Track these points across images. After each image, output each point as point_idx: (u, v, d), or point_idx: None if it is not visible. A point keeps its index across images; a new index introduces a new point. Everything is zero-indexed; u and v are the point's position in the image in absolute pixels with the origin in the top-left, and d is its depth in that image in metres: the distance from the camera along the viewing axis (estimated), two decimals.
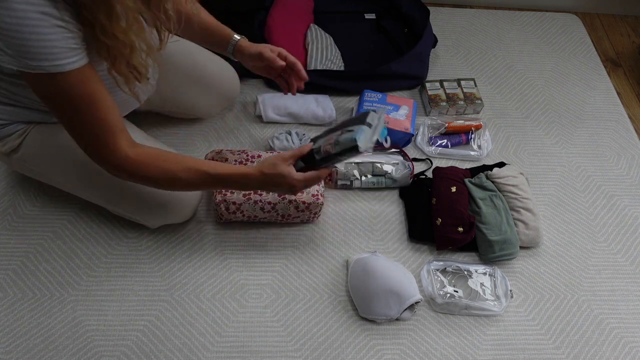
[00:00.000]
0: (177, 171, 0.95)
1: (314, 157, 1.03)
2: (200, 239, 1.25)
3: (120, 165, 0.91)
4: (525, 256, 1.29)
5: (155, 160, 0.94)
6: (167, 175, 0.95)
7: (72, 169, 1.11)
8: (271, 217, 1.24)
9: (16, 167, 1.16)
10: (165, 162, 0.94)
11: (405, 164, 1.37)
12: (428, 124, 1.49)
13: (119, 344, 1.10)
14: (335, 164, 1.05)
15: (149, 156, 0.93)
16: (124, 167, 0.91)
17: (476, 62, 1.71)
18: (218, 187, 1.12)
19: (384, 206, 1.35)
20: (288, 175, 1.00)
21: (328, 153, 1.00)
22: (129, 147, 0.90)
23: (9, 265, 1.18)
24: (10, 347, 1.08)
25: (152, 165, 0.93)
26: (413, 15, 1.65)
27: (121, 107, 1.03)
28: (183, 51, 1.28)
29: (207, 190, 1.31)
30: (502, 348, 1.16)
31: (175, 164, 0.95)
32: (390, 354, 1.13)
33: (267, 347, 1.12)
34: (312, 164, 1.03)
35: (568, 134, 1.56)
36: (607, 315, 1.23)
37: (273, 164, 1.00)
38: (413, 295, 1.14)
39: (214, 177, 0.98)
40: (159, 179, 0.95)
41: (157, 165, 0.93)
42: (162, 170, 0.94)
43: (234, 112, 1.49)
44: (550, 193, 1.42)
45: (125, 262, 1.21)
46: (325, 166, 1.04)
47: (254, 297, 1.19)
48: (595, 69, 1.74)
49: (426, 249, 1.29)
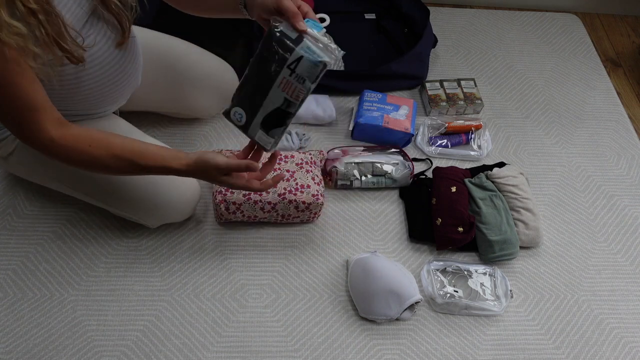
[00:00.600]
0: (104, 158, 0.90)
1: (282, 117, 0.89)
2: (200, 239, 1.25)
3: (44, 147, 0.87)
4: (525, 256, 1.29)
5: (82, 145, 0.89)
6: (94, 161, 0.91)
7: (67, 172, 1.11)
8: (271, 217, 1.24)
9: (14, 170, 1.16)
10: (91, 148, 0.89)
11: (405, 164, 1.37)
12: (428, 124, 1.49)
13: (119, 344, 1.10)
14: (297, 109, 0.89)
15: (75, 140, 0.89)
16: (48, 149, 0.88)
17: (476, 62, 1.71)
18: (146, 174, 1.02)
19: (384, 206, 1.35)
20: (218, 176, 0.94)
21: (298, 98, 0.86)
22: (55, 127, 0.86)
23: (9, 265, 1.18)
24: (10, 347, 1.08)
25: (77, 150, 0.89)
26: (413, 15, 1.65)
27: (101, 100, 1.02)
28: (182, 51, 1.28)
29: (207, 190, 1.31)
30: (502, 348, 1.16)
31: (102, 149, 0.90)
32: (390, 354, 1.13)
33: (267, 347, 1.12)
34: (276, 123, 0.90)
35: (568, 134, 1.56)
36: (607, 315, 1.23)
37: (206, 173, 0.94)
38: (413, 295, 1.14)
39: (142, 167, 0.93)
40: (84, 164, 0.92)
41: (82, 150, 0.89)
42: (89, 156, 0.90)
43: None
44: (550, 193, 1.42)
45: (125, 262, 1.21)
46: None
47: (254, 297, 1.19)
48: (595, 69, 1.74)
49: (426, 249, 1.29)
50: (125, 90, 1.08)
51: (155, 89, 1.26)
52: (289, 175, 1.22)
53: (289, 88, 0.85)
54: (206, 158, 0.92)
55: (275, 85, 0.86)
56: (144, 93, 1.20)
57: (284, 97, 0.86)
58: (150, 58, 1.19)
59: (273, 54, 0.84)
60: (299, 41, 0.82)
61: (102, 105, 1.06)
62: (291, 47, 0.82)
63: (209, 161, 0.92)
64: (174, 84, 1.28)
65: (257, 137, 0.92)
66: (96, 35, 0.93)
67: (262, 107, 0.89)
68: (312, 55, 0.82)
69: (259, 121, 0.90)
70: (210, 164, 0.92)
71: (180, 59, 1.27)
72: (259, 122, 0.90)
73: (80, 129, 0.91)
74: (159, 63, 1.23)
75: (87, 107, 1.03)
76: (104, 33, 0.95)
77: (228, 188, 0.95)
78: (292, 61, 0.83)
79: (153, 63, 1.21)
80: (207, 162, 0.92)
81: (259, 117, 0.90)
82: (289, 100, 0.86)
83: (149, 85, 1.20)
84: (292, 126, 1.46)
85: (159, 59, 1.24)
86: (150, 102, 1.30)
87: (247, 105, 0.90)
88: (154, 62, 1.21)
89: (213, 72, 1.34)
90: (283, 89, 0.86)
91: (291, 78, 0.84)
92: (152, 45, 1.21)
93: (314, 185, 1.23)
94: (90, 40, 0.90)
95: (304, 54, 0.82)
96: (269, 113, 0.89)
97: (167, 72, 1.26)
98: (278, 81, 0.86)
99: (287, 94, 0.86)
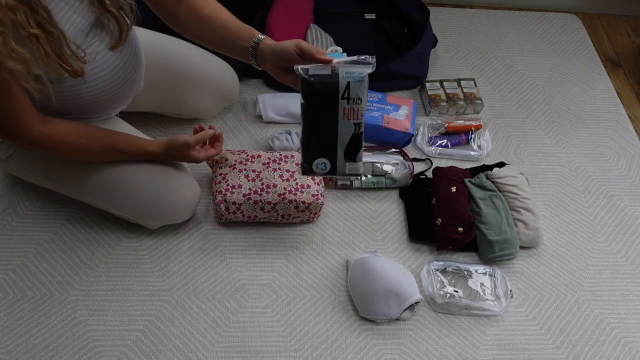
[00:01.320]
0: (94, 147, 1.01)
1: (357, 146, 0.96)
2: (200, 239, 1.25)
3: (35, 142, 0.93)
4: (525, 256, 1.29)
5: (74, 138, 0.97)
6: (85, 151, 1.01)
7: (67, 173, 1.11)
8: (271, 217, 1.24)
9: (15, 172, 1.17)
10: (82, 139, 0.99)
11: (405, 164, 1.37)
12: (428, 124, 1.49)
13: (119, 344, 1.10)
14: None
15: (67, 133, 0.97)
16: (38, 143, 0.94)
17: (476, 62, 1.71)
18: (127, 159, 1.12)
19: (384, 206, 1.35)
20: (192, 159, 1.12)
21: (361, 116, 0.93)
22: (39, 123, 0.92)
23: (9, 265, 1.18)
24: (10, 347, 1.08)
25: (70, 143, 0.97)
26: (413, 15, 1.65)
27: (105, 104, 1.03)
28: (182, 52, 1.28)
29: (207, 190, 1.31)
30: (502, 348, 1.16)
31: (91, 140, 1.01)
32: (390, 354, 1.13)
33: (267, 347, 1.12)
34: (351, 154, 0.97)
35: (568, 134, 1.56)
36: (607, 315, 1.23)
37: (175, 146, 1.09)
38: (413, 295, 1.14)
39: (124, 153, 1.07)
40: (76, 154, 1.02)
41: (74, 142, 0.98)
42: (81, 147, 1.00)
43: (233, 112, 1.49)
44: (550, 193, 1.42)
45: (125, 262, 1.21)
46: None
47: (254, 297, 1.19)
48: (595, 69, 1.74)
49: (426, 249, 1.29)
50: (128, 94, 1.09)
51: (156, 89, 1.26)
52: (289, 175, 1.22)
53: (352, 113, 0.92)
54: (175, 138, 1.09)
55: (340, 119, 0.92)
56: (144, 94, 1.20)
57: (352, 123, 0.93)
58: (151, 59, 1.19)
59: (322, 97, 0.90)
60: (335, 74, 0.89)
61: (105, 110, 1.07)
62: (334, 82, 0.89)
63: (178, 139, 1.08)
64: (175, 84, 1.28)
65: (348, 170, 0.98)
66: (99, 44, 0.93)
67: (338, 145, 0.95)
68: (354, 75, 0.89)
69: (342, 156, 0.96)
70: (180, 142, 1.08)
71: (180, 60, 1.27)
72: (342, 158, 0.96)
73: (64, 123, 0.97)
74: (159, 64, 1.23)
75: (90, 112, 1.04)
76: (107, 41, 0.95)
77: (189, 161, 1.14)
78: (343, 91, 0.90)
79: (153, 64, 1.21)
80: (176, 140, 1.09)
81: (341, 154, 0.96)
82: (357, 123, 0.93)
83: (150, 86, 1.20)
84: (292, 126, 1.46)
85: (160, 60, 1.24)
86: (150, 103, 1.30)
87: (324, 152, 0.96)
88: (154, 63, 1.21)
89: (213, 73, 1.34)
90: (348, 118, 0.93)
91: (350, 105, 0.91)
92: (152, 46, 1.21)
93: (314, 185, 1.23)
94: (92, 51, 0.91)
95: (349, 78, 0.88)
96: (347, 144, 0.95)
97: (168, 73, 1.26)
98: (340, 115, 0.92)
99: (353, 120, 0.93)
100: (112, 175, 1.10)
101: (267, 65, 0.98)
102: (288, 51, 0.91)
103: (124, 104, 1.11)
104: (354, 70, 0.89)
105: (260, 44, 0.97)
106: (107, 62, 0.96)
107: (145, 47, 1.16)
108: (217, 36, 1.02)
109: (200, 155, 1.12)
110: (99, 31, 0.93)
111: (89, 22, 0.90)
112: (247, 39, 0.98)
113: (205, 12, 1.01)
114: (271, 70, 0.98)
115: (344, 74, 0.89)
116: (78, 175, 1.11)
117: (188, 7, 1.01)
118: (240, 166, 1.23)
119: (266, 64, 0.98)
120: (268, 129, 1.46)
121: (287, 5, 1.61)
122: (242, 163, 1.23)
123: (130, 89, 1.08)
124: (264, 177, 1.21)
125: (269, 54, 0.95)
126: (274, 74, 0.99)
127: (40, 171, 1.12)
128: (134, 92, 1.11)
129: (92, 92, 0.96)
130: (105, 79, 0.97)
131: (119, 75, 1.00)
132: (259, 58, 0.98)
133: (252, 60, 0.99)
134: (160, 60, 1.24)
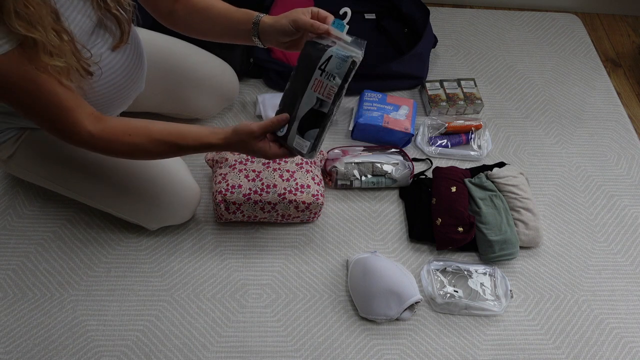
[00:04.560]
0: (144, 144, 0.94)
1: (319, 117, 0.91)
2: (200, 239, 1.25)
3: (86, 144, 0.90)
4: (525, 256, 1.29)
5: (121, 137, 0.92)
6: (135, 149, 0.94)
7: (67, 175, 1.11)
8: (271, 217, 1.24)
9: (15, 172, 1.16)
10: (131, 137, 0.92)
11: (405, 164, 1.37)
12: (428, 124, 1.49)
13: (119, 344, 1.10)
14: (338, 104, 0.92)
15: (114, 132, 0.92)
16: (89, 145, 0.91)
17: (476, 62, 1.71)
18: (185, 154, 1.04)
19: (384, 206, 1.35)
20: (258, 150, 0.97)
21: (330, 95, 0.88)
22: (92, 123, 0.89)
23: (9, 265, 1.18)
24: (10, 347, 1.09)
25: (118, 142, 0.92)
26: (413, 15, 1.65)
27: (107, 106, 1.03)
28: (182, 52, 1.28)
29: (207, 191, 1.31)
30: (502, 348, 1.16)
31: (142, 137, 0.93)
32: (390, 354, 1.13)
33: (267, 347, 1.12)
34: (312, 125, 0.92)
35: (568, 134, 1.56)
36: (607, 315, 1.23)
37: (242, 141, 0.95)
38: (413, 295, 1.14)
39: (182, 147, 0.96)
40: (127, 153, 0.95)
41: (123, 141, 0.92)
42: (130, 145, 0.93)
43: (233, 112, 1.49)
44: (550, 193, 1.42)
45: (125, 262, 1.21)
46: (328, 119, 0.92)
47: (254, 297, 1.19)
48: (595, 69, 1.74)
49: (426, 249, 1.29)
50: (130, 95, 1.09)
51: (156, 90, 1.26)
52: (289, 175, 1.22)
53: (321, 87, 0.88)
54: (241, 127, 0.94)
55: (309, 88, 0.89)
56: (145, 94, 1.20)
57: (316, 97, 0.89)
58: (151, 59, 1.19)
59: (307, 61, 0.88)
60: (328, 46, 0.87)
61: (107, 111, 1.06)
62: (322, 50, 0.87)
63: (244, 129, 0.93)
64: (175, 85, 1.28)
65: (295, 143, 0.93)
66: (102, 45, 0.93)
67: (298, 112, 0.91)
68: (339, 53, 0.85)
69: (296, 127, 0.92)
70: (246, 131, 0.93)
71: (181, 60, 1.27)
72: (296, 128, 0.92)
73: (117, 121, 0.93)
74: (160, 64, 1.23)
75: None
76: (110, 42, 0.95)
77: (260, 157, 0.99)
78: (322, 61, 0.87)
79: (154, 64, 1.21)
80: (241, 130, 0.93)
81: (296, 124, 0.92)
82: (321, 99, 0.88)
83: (150, 86, 1.20)
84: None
85: (160, 60, 1.24)
86: (151, 103, 1.30)
87: (286, 114, 0.93)
88: (154, 63, 1.21)
89: (214, 73, 1.34)
90: (315, 89, 0.89)
91: (322, 77, 0.87)
92: (152, 47, 1.21)
93: (314, 185, 1.23)
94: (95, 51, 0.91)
95: (333, 52, 0.86)
96: (303, 116, 0.91)
97: (168, 73, 1.26)
98: (311, 83, 0.89)
99: (319, 94, 0.88)
100: (112, 177, 1.10)
101: (271, 42, 0.98)
102: (286, 29, 0.92)
103: (125, 104, 1.11)
104: (344, 48, 0.87)
105: (260, 24, 0.96)
106: (109, 63, 0.96)
107: (146, 48, 1.16)
108: (217, 26, 1.01)
109: (270, 150, 0.96)
110: (101, 32, 0.93)
111: (93, 23, 0.90)
112: (246, 21, 0.98)
113: (201, 5, 1.01)
114: (277, 46, 0.98)
115: (333, 49, 0.87)
116: (78, 176, 1.11)
117: (184, 3, 1.01)
118: (240, 166, 1.23)
119: (270, 42, 0.98)
120: None
121: (287, 5, 1.61)
122: (242, 163, 1.23)
123: (133, 89, 1.07)
124: (264, 177, 1.21)
125: (270, 32, 0.95)
126: (281, 49, 0.99)
127: (40, 172, 1.12)
128: (136, 93, 1.11)
129: (95, 93, 0.96)
130: (108, 80, 0.97)
131: (121, 75, 1.00)
132: (262, 37, 0.98)
133: (256, 40, 0.99)
134: (160, 61, 1.24)
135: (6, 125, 1.03)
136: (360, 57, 0.87)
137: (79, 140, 0.89)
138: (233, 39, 1.03)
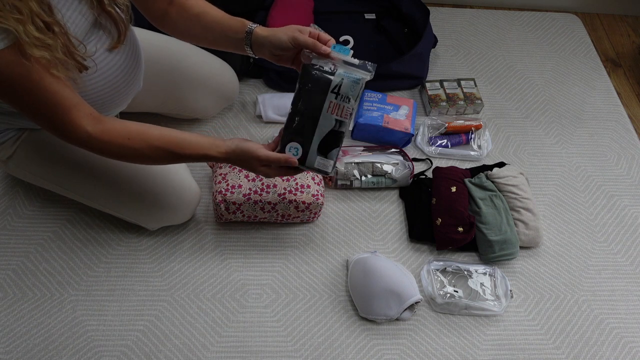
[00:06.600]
0: (143, 149, 0.93)
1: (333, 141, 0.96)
2: (200, 239, 1.25)
3: (83, 143, 0.89)
4: (525, 256, 1.29)
5: (120, 140, 0.91)
6: (133, 153, 0.93)
7: (67, 175, 1.11)
8: (271, 217, 1.24)
9: (15, 173, 1.16)
10: (130, 141, 0.91)
11: (405, 164, 1.37)
12: (428, 124, 1.49)
13: (119, 344, 1.10)
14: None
15: (113, 135, 0.90)
16: (87, 145, 0.90)
17: (476, 62, 1.71)
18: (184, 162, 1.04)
19: (384, 206, 1.35)
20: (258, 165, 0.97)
21: (347, 116, 0.94)
22: (90, 123, 0.88)
23: (9, 265, 1.18)
24: (10, 347, 1.09)
25: (116, 145, 0.91)
26: (413, 15, 1.65)
27: (105, 105, 1.02)
28: (181, 52, 1.28)
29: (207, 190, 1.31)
30: (502, 348, 1.16)
31: (141, 142, 0.92)
32: (390, 354, 1.13)
33: (267, 347, 1.12)
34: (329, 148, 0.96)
35: (568, 134, 1.56)
36: (607, 315, 1.23)
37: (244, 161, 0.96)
38: (413, 295, 1.14)
39: (180, 156, 0.96)
40: (124, 156, 0.94)
41: (121, 144, 0.91)
42: (128, 149, 0.92)
43: (233, 112, 1.49)
44: (550, 193, 1.42)
45: (125, 262, 1.21)
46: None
47: (254, 297, 1.19)
48: (595, 69, 1.74)
49: (426, 249, 1.29)
50: (127, 95, 1.08)
51: (156, 90, 1.26)
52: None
53: (337, 109, 0.93)
54: (246, 147, 0.95)
55: (324, 110, 0.93)
56: (144, 94, 1.20)
57: (334, 118, 0.94)
58: (150, 59, 1.19)
59: (315, 86, 0.92)
60: (333, 69, 0.92)
61: (104, 111, 1.06)
62: (330, 74, 0.91)
63: (249, 151, 0.94)
64: (175, 85, 1.28)
65: (317, 163, 0.97)
66: (96, 43, 0.93)
67: (315, 135, 0.95)
68: (349, 77, 0.91)
69: (315, 148, 0.96)
70: (251, 155, 0.94)
71: (180, 60, 1.27)
72: (315, 150, 0.96)
73: (117, 123, 0.92)
74: (159, 64, 1.23)
75: None
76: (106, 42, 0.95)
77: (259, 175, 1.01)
78: (334, 85, 0.91)
79: (153, 64, 1.20)
80: (246, 151, 0.95)
81: (314, 145, 0.96)
82: (339, 120, 0.94)
83: (150, 86, 1.20)
84: None
85: (159, 60, 1.24)
86: (150, 103, 1.30)
87: (300, 138, 0.96)
88: (154, 63, 1.21)
89: (213, 73, 1.34)
90: (332, 112, 0.94)
91: (337, 100, 0.93)
92: (151, 47, 1.21)
93: (314, 185, 1.23)
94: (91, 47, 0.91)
95: (344, 76, 0.91)
96: (323, 138, 0.95)
97: (168, 74, 1.26)
98: (326, 107, 0.93)
99: (337, 116, 0.94)
100: (112, 177, 1.10)
101: (263, 53, 0.99)
102: (284, 46, 0.93)
103: (123, 104, 1.11)
104: (351, 73, 0.92)
105: (254, 33, 0.97)
106: (106, 62, 0.96)
107: (145, 47, 1.16)
108: (209, 32, 1.02)
109: (271, 171, 0.97)
110: (98, 32, 0.93)
111: (89, 22, 0.90)
112: (239, 30, 0.98)
113: (195, 10, 1.01)
114: (268, 58, 0.99)
115: (341, 72, 0.92)
116: (77, 177, 1.11)
117: (178, 7, 1.01)
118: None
119: (263, 52, 0.99)
120: (268, 129, 1.46)
121: (287, 5, 1.61)
122: None
123: (130, 89, 1.07)
124: (264, 177, 1.21)
125: (265, 44, 0.96)
126: (272, 61, 1.00)
127: (39, 172, 1.12)
128: (133, 93, 1.10)
129: (91, 93, 0.96)
130: (105, 80, 0.97)
131: (118, 75, 1.00)
132: (254, 47, 0.98)
133: (247, 50, 0.99)
134: (159, 61, 1.24)
135: (5, 125, 1.02)
136: (369, 78, 0.92)
137: (76, 139, 0.89)
138: (225, 46, 1.03)
